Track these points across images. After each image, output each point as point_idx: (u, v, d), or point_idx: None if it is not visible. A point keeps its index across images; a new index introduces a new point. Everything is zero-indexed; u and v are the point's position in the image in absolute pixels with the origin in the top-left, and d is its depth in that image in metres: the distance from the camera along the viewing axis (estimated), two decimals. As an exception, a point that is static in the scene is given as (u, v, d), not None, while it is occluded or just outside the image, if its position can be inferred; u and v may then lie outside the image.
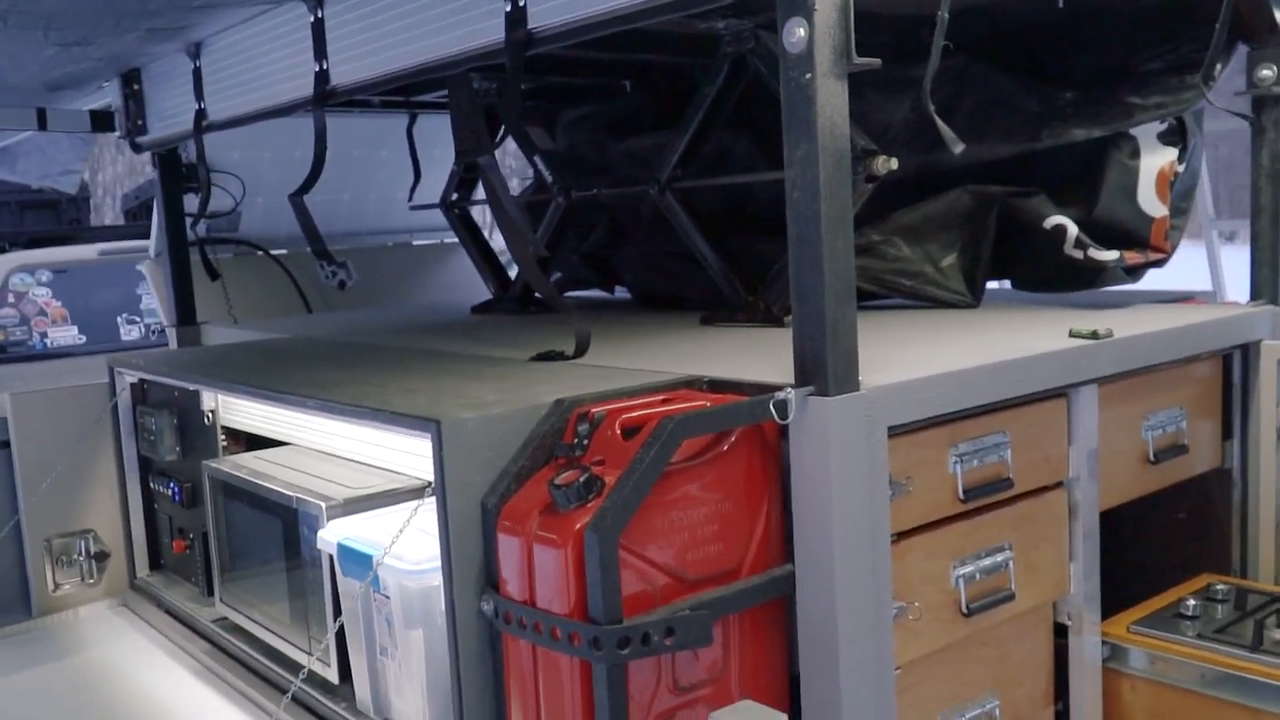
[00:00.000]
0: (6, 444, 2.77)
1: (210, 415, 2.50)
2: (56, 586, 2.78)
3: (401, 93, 3.56)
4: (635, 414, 1.66)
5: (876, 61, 1.59)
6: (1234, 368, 2.47)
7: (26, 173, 4.74)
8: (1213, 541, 2.52)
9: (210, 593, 2.53)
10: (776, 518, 1.70)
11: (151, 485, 2.79)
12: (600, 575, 1.46)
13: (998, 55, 2.70)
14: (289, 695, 1.75)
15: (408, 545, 1.80)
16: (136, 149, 3.46)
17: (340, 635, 1.98)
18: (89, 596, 2.82)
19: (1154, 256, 2.66)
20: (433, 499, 1.66)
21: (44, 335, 6.27)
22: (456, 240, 4.71)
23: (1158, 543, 2.51)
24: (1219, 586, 2.29)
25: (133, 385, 2.80)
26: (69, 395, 2.81)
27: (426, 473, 2.07)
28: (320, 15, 2.44)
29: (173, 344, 3.66)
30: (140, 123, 3.38)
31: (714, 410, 1.61)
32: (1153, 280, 2.77)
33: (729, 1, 1.74)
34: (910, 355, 2.02)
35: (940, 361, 1.87)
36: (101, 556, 2.82)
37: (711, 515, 1.62)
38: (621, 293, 3.74)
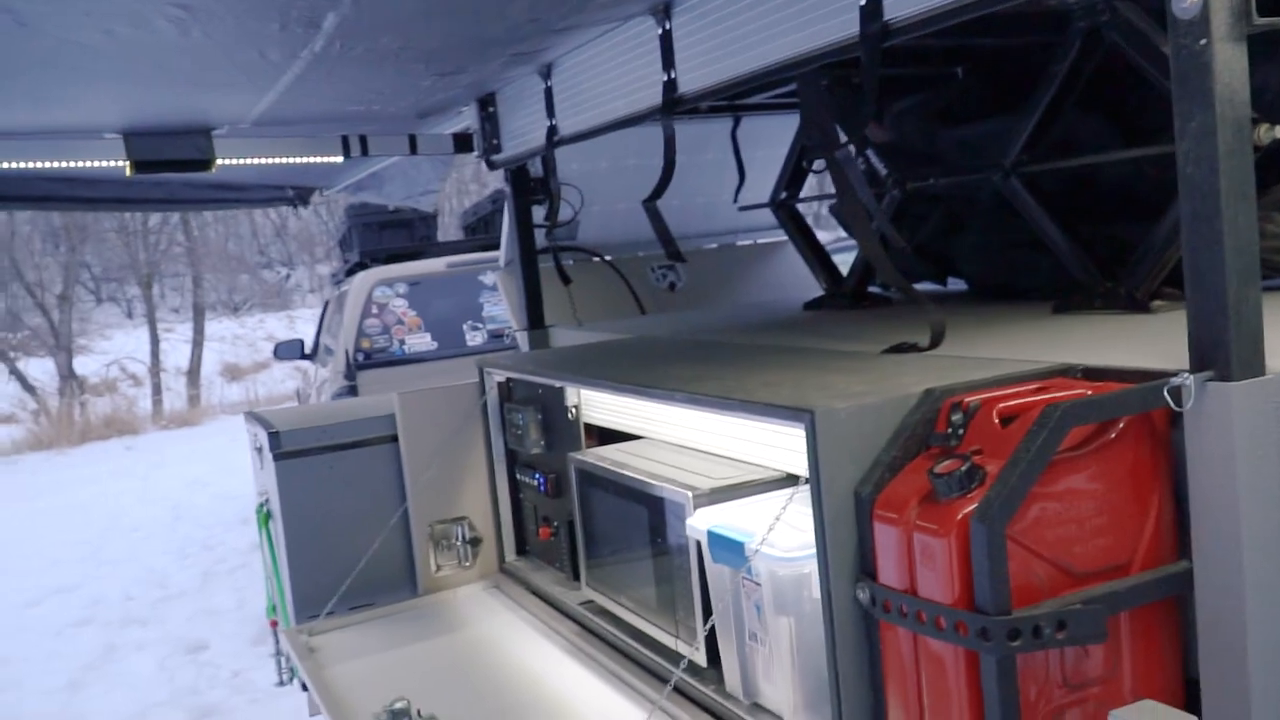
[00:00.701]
0: (395, 438, 3.08)
1: (574, 410, 2.66)
2: (438, 568, 3.06)
3: (726, 97, 3.66)
4: (1012, 402, 1.62)
5: (1267, 24, 1.47)
6: None
7: (392, 195, 5.26)
8: None
9: (576, 577, 2.70)
10: (1168, 512, 1.61)
11: (518, 476, 3.02)
12: (988, 565, 1.44)
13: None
14: (671, 684, 1.83)
15: (774, 533, 1.84)
16: (491, 166, 3.74)
17: (706, 619, 2.06)
18: (465, 579, 3.08)
19: None
20: (805, 488, 1.70)
21: (402, 342, 6.92)
22: (777, 239, 4.79)
23: None
24: None
25: (500, 384, 3.04)
26: (445, 394, 3.08)
27: (783, 464, 2.13)
28: (668, 27, 2.55)
29: (523, 346, 3.93)
30: (495, 142, 3.66)
31: (1103, 397, 1.54)
32: None
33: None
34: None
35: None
36: (475, 542, 3.08)
37: (1098, 507, 1.56)
38: (955, 284, 3.65)
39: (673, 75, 2.57)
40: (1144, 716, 1.38)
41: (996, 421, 1.59)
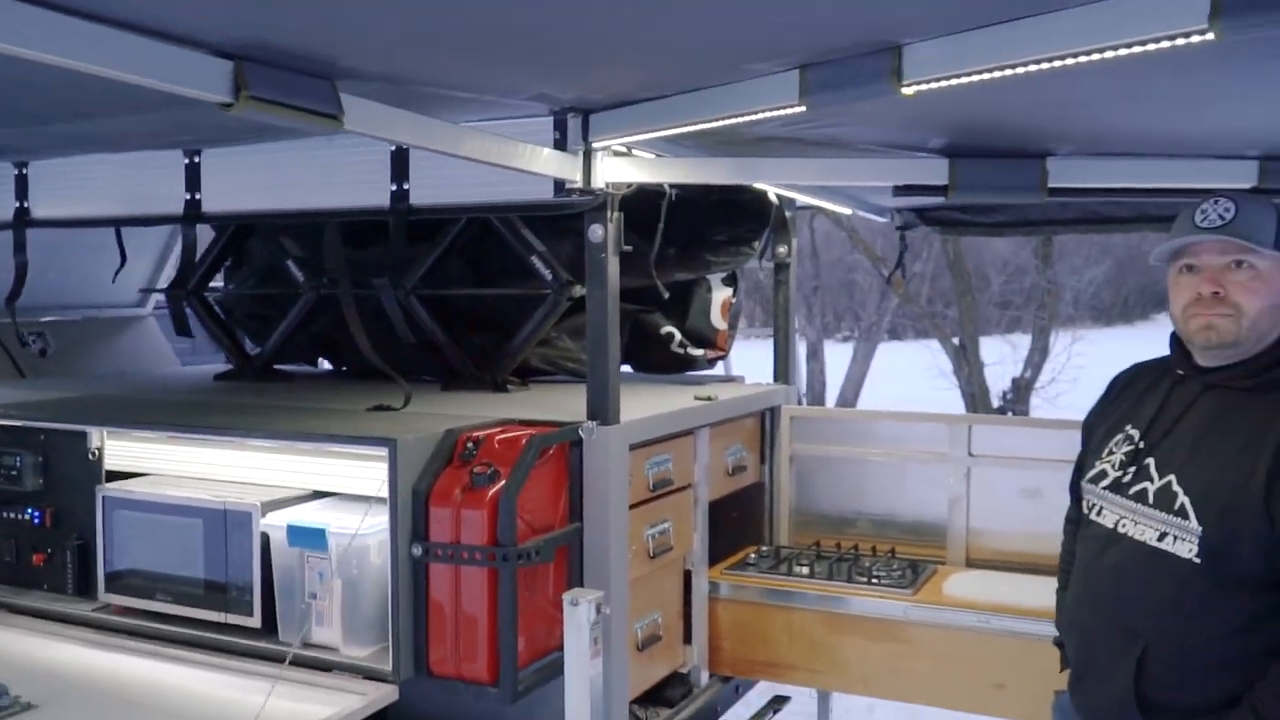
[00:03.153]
0: None
1: (96, 453, 3.22)
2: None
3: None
4: (501, 437, 2.87)
5: (629, 249, 2.99)
6: (767, 422, 4.16)
7: None
8: (752, 526, 4.17)
9: (81, 592, 3.21)
10: (568, 496, 2.99)
11: (-2, 514, 3.37)
12: (508, 521, 2.67)
13: (633, 223, 4.22)
14: (290, 654, 2.67)
15: (339, 520, 2.81)
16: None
17: (266, 598, 2.91)
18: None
19: (719, 354, 4.32)
20: (383, 492, 2.73)
21: None
22: (138, 315, 5.40)
23: (725, 527, 4.09)
24: (765, 548, 3.93)
25: (-23, 431, 3.38)
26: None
27: (306, 484, 3.09)
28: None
29: None
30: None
31: (554, 432, 2.88)
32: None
33: (553, 214, 3.03)
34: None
35: (638, 412, 3.28)
36: (-66, 580, 3.32)
37: (544, 492, 2.88)
38: (323, 365, 4.75)
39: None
40: (577, 594, 2.71)
41: (496, 447, 2.83)
